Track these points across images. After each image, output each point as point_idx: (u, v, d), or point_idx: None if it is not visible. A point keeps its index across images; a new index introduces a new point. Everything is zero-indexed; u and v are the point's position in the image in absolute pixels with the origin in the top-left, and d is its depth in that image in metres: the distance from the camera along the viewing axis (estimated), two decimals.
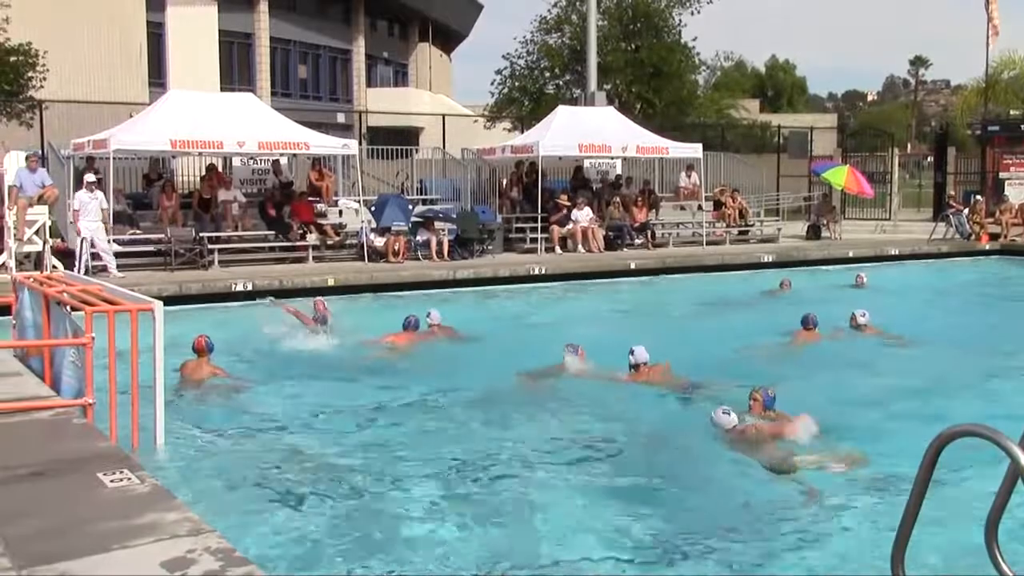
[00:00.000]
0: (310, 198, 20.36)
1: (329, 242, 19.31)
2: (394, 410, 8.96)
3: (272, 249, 18.89)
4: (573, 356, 9.96)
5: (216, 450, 7.60)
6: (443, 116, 27.67)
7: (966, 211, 25.56)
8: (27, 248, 16.54)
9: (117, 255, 17.08)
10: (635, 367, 9.58)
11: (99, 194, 16.64)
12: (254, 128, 18.69)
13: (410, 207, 20.14)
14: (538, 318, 15.50)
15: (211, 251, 17.76)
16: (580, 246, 21.18)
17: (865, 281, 17.07)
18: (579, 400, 9.16)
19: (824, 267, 21.37)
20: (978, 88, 37.95)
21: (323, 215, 20.11)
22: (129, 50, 32.23)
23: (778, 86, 75.02)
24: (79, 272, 14.43)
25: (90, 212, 16.39)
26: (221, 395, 9.03)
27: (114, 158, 17.66)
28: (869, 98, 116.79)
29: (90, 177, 16.84)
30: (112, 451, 5.47)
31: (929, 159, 40.94)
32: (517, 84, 33.53)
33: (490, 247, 20.50)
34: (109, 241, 16.71)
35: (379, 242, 18.98)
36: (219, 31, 37.04)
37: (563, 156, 23.09)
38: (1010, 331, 13.42)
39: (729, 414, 7.59)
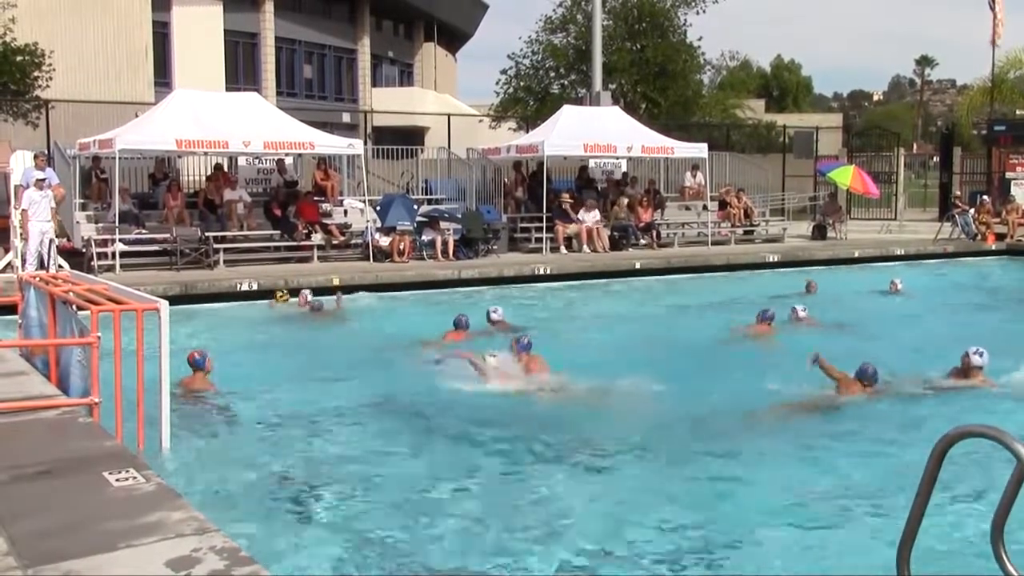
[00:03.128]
0: (315, 198, 20.39)
1: (334, 242, 19.32)
2: (404, 410, 8.94)
3: (277, 249, 18.91)
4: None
5: (222, 450, 7.61)
6: (448, 116, 27.67)
7: (972, 211, 25.51)
8: None
9: (123, 255, 17.14)
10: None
11: (49, 192, 15.95)
12: (259, 128, 18.70)
13: (415, 207, 20.15)
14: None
15: (216, 251, 17.78)
16: (585, 246, 21.18)
17: (900, 287, 16.60)
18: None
19: (834, 268, 21.30)
20: (984, 88, 37.83)
21: (328, 215, 20.13)
22: (135, 50, 32.26)
23: (783, 86, 74.88)
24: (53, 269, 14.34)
25: (41, 212, 15.72)
26: (224, 399, 9.01)
27: (120, 158, 17.70)
28: (875, 98, 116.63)
29: (39, 174, 16.19)
30: (118, 450, 5.47)
31: (935, 159, 40.91)
32: (522, 84, 33.55)
33: (495, 247, 20.51)
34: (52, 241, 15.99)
35: (384, 242, 18.99)
36: (224, 31, 37.07)
37: (568, 156, 23.10)
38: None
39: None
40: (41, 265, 15.27)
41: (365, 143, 23.49)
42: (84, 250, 17.27)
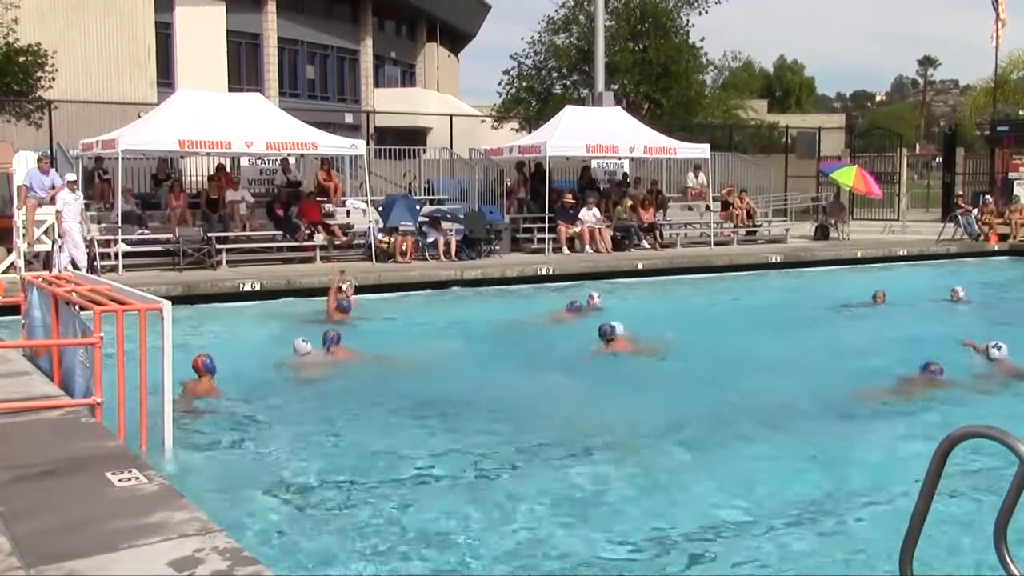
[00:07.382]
0: (318, 198, 20.40)
1: (337, 242, 19.32)
2: (408, 408, 8.94)
3: (280, 249, 18.91)
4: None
5: (224, 449, 7.61)
6: (451, 116, 27.68)
7: (975, 212, 25.48)
8: (36, 248, 16.58)
9: (126, 255, 17.16)
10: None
11: (79, 194, 16.40)
12: (262, 128, 18.70)
13: (418, 207, 20.15)
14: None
15: (219, 251, 17.79)
16: (587, 246, 21.18)
17: (962, 295, 16.03)
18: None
19: (835, 268, 21.30)
20: (987, 88, 37.81)
21: (331, 215, 20.14)
22: (137, 50, 32.31)
23: (786, 86, 74.86)
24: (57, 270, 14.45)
25: (73, 212, 16.07)
26: (227, 399, 9.01)
27: (122, 158, 17.70)
28: (878, 98, 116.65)
29: (70, 176, 16.67)
30: (120, 450, 5.48)
31: (938, 159, 40.82)
32: (525, 84, 33.53)
33: (497, 247, 20.51)
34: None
35: (387, 242, 18.97)
36: (227, 31, 37.09)
37: (570, 156, 23.12)
38: None
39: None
40: (74, 265, 15.45)
41: (368, 143, 23.49)
42: (87, 250, 17.26)
